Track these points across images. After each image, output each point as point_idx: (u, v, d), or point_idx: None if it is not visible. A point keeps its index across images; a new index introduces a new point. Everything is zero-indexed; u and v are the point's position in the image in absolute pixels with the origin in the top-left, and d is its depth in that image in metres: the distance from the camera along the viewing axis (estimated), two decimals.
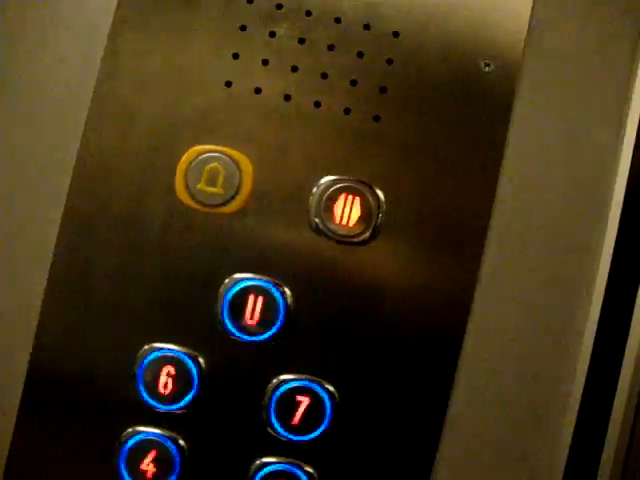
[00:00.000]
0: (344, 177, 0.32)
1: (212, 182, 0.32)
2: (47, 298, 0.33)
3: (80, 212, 0.33)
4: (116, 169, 0.32)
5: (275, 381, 0.32)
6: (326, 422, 0.32)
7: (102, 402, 0.33)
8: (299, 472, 0.32)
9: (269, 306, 0.32)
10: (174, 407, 0.32)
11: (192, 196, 0.32)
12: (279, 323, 0.32)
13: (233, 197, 0.32)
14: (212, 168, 0.32)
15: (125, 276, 0.32)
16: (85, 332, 0.33)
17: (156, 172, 0.32)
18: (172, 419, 0.33)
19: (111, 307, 0.32)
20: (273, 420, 0.32)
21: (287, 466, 0.32)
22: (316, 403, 0.32)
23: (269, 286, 0.32)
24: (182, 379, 0.32)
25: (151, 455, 0.32)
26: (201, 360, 0.32)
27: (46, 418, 0.33)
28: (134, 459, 0.32)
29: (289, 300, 0.32)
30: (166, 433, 0.33)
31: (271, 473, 0.32)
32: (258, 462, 0.33)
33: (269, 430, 0.32)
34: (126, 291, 0.32)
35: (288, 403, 0.32)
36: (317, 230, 0.32)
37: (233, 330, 0.32)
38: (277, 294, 0.32)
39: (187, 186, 0.32)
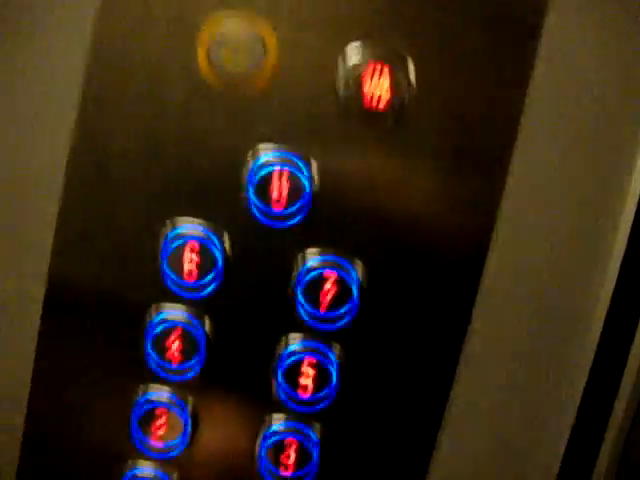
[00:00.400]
0: (373, 47, 0.30)
1: (235, 55, 0.30)
2: (67, 180, 0.32)
3: (99, 92, 0.31)
4: (135, 43, 0.31)
5: (301, 262, 0.31)
6: (354, 304, 0.32)
7: (125, 283, 0.32)
8: (328, 351, 0.32)
9: (295, 184, 0.31)
10: (198, 288, 0.32)
11: (214, 70, 0.30)
12: (305, 202, 0.31)
13: (256, 72, 0.31)
14: (235, 42, 0.30)
15: (148, 156, 0.31)
16: (107, 213, 0.32)
17: (176, 48, 0.31)
18: (196, 299, 0.32)
19: (133, 187, 0.32)
20: (300, 301, 0.32)
21: (315, 344, 0.32)
22: (344, 285, 0.31)
23: (295, 163, 0.31)
24: (206, 258, 0.31)
25: (176, 335, 0.32)
26: (226, 238, 0.31)
27: (71, 301, 0.33)
28: (160, 340, 0.32)
29: (316, 179, 0.31)
30: (191, 313, 0.32)
31: (298, 358, 0.32)
32: (284, 344, 0.32)
33: (296, 312, 0.32)
34: (149, 171, 0.31)
35: (316, 284, 0.31)
36: (344, 104, 0.30)
37: (259, 205, 0.31)
38: (303, 172, 0.31)
39: (209, 62, 0.30)
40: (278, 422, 0.33)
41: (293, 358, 0.32)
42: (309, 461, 0.33)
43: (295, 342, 0.32)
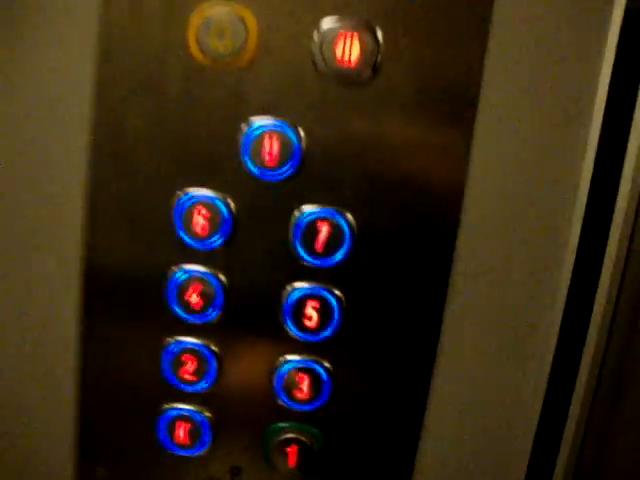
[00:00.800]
0: (342, 18, 0.34)
1: (221, 38, 0.35)
2: (92, 168, 0.37)
3: (111, 77, 0.36)
4: (134, 36, 0.35)
5: (297, 213, 0.36)
6: (346, 247, 0.36)
7: (147, 245, 0.37)
8: (327, 294, 0.37)
9: (285, 145, 0.35)
10: (210, 244, 0.36)
11: (205, 53, 0.35)
12: (295, 160, 0.35)
13: (242, 50, 0.35)
14: (219, 25, 0.35)
15: (156, 133, 0.36)
16: (127, 186, 0.37)
17: (170, 35, 0.35)
18: (210, 256, 0.37)
19: (147, 162, 0.36)
20: (299, 248, 0.36)
21: (316, 289, 0.37)
22: (336, 229, 0.36)
23: (283, 127, 0.35)
24: (214, 219, 0.36)
25: (196, 289, 0.37)
26: (229, 200, 0.36)
27: (106, 269, 0.38)
28: (181, 293, 0.37)
29: (303, 139, 0.35)
30: (206, 269, 0.37)
31: (302, 297, 0.37)
32: (289, 288, 0.37)
33: (297, 259, 0.36)
34: (159, 146, 0.36)
35: (311, 231, 0.36)
36: (322, 71, 0.34)
37: (254, 170, 0.35)
38: (291, 134, 0.35)
39: (199, 44, 0.35)
40: (291, 354, 0.38)
41: (299, 295, 0.37)
42: (321, 385, 0.38)
43: (298, 287, 0.37)
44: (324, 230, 0.36)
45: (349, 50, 0.34)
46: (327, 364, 0.38)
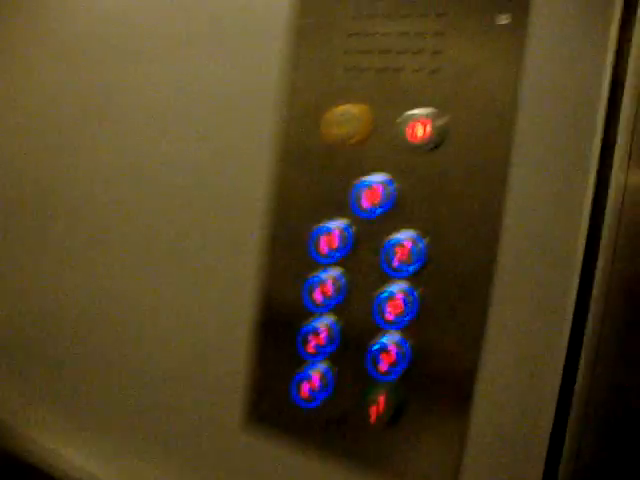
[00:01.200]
0: (416, 111, 0.53)
1: (343, 126, 0.56)
2: (268, 207, 0.59)
3: (280, 155, 0.59)
4: (292, 130, 0.58)
5: (387, 237, 0.54)
6: (420, 261, 0.53)
7: (288, 260, 0.57)
8: (408, 289, 0.53)
9: (381, 194, 0.54)
10: (332, 259, 0.56)
11: (333, 136, 0.56)
12: (390, 203, 0.54)
13: (357, 133, 0.55)
14: (343, 119, 0.56)
15: (303, 188, 0.57)
16: (284, 223, 0.58)
17: (311, 127, 0.57)
18: (332, 266, 0.56)
19: (297, 207, 0.57)
20: (388, 261, 0.54)
21: (397, 286, 0.53)
22: (413, 249, 0.53)
23: (384, 181, 0.54)
24: (334, 243, 0.55)
25: (322, 289, 0.56)
26: (343, 230, 0.55)
27: (268, 279, 0.59)
28: (311, 292, 0.56)
29: (396, 188, 0.54)
30: (329, 276, 0.56)
31: (389, 294, 0.54)
32: (381, 287, 0.54)
33: (382, 270, 0.54)
34: (303, 196, 0.57)
35: (394, 249, 0.53)
36: (403, 145, 0.53)
37: (359, 211, 0.54)
38: (389, 185, 0.54)
39: (330, 131, 0.56)
40: (379, 336, 0.54)
41: (387, 293, 0.54)
42: (400, 361, 0.53)
43: (385, 290, 0.54)
44: (404, 250, 0.53)
45: (420, 131, 0.53)
46: (406, 344, 0.53)
